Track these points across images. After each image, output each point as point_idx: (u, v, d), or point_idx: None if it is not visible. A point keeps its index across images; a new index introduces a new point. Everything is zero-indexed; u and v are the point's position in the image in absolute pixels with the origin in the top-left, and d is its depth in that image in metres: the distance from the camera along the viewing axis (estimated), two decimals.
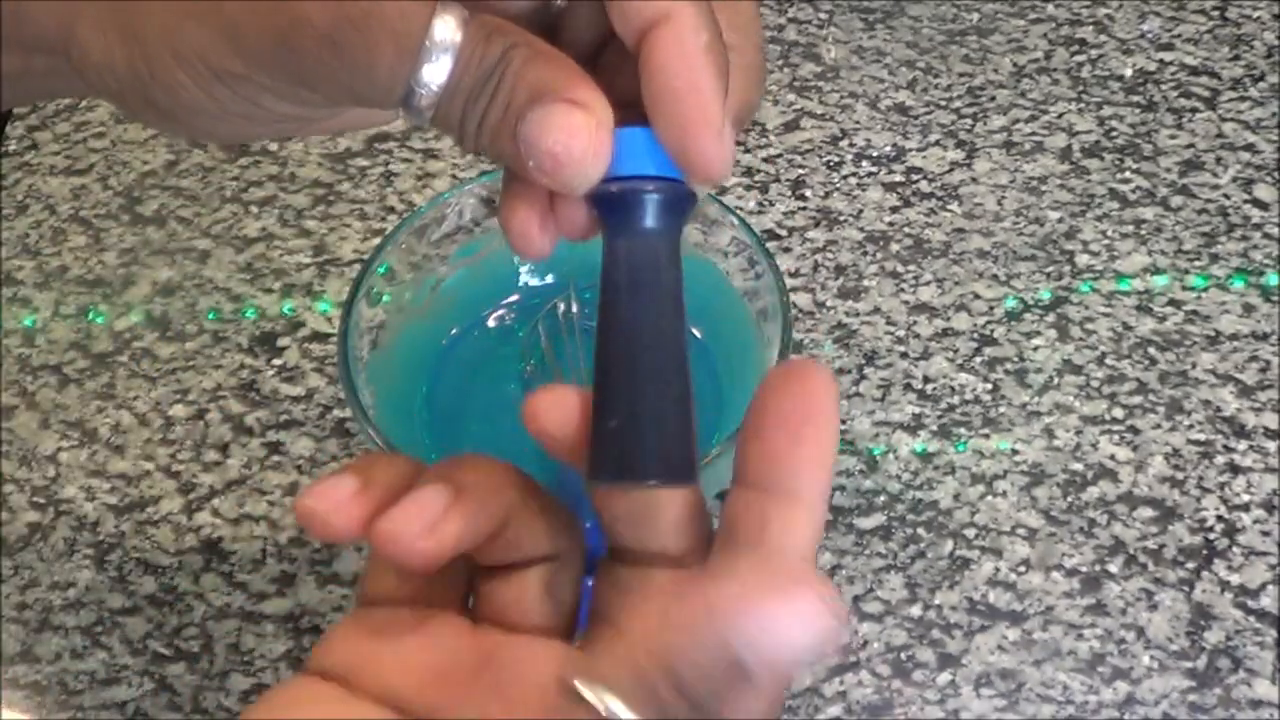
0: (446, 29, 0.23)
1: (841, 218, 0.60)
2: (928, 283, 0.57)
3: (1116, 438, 0.51)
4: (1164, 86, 0.66)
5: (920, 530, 0.49)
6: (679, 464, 0.25)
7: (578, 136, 0.23)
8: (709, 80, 0.23)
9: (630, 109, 0.24)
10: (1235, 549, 0.48)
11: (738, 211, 0.53)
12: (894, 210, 0.60)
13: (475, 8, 0.24)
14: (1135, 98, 0.66)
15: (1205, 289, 0.57)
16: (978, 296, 0.57)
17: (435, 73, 0.23)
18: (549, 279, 0.53)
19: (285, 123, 0.26)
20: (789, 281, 0.57)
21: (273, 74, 0.24)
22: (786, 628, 0.20)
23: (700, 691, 0.21)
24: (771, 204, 0.61)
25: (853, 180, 0.62)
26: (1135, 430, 0.52)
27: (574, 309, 0.51)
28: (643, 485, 0.25)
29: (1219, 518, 0.49)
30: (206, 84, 0.24)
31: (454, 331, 0.53)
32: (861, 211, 0.60)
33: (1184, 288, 0.57)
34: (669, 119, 0.23)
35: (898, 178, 0.62)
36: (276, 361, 0.55)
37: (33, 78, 0.27)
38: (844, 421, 0.52)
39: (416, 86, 0.23)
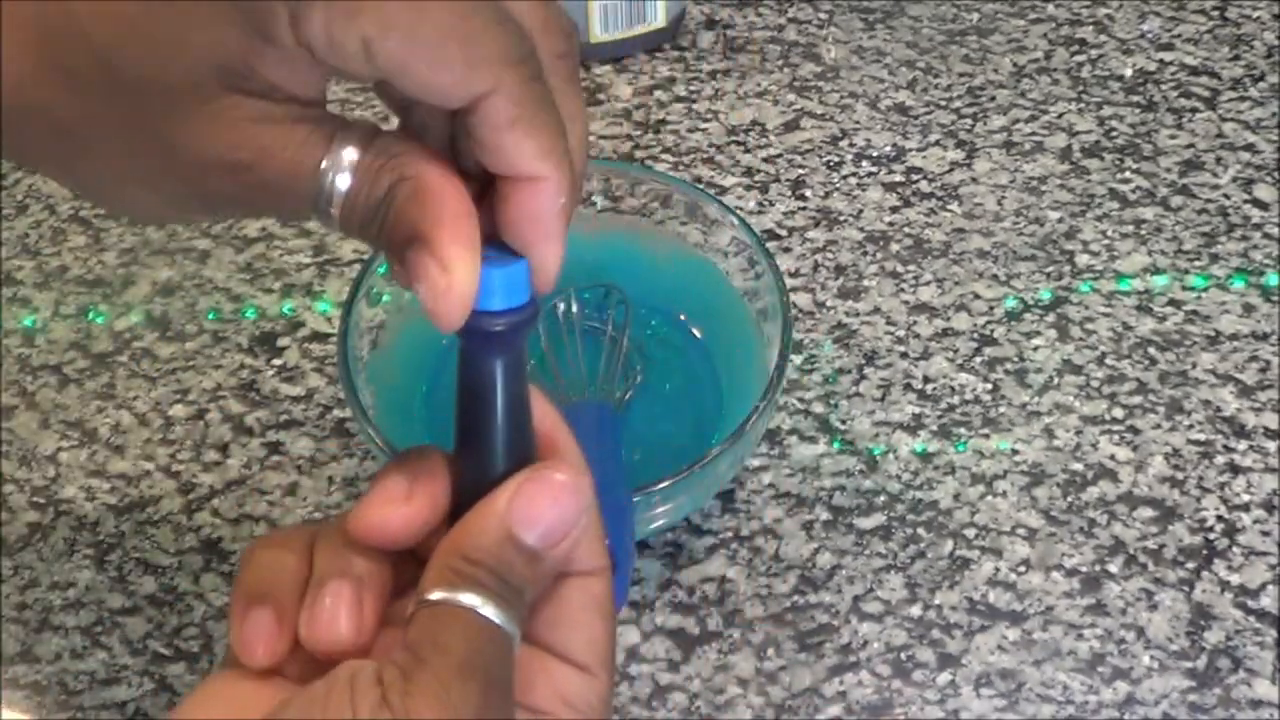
0: (343, 171, 0.26)
1: (841, 218, 0.60)
2: (928, 283, 0.57)
3: (1116, 438, 0.51)
4: (1164, 86, 0.66)
5: (920, 530, 0.49)
6: None
7: (440, 293, 0.26)
8: (559, 233, 0.28)
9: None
10: (1235, 549, 0.48)
11: (738, 211, 0.53)
12: (894, 210, 0.60)
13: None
14: (1135, 98, 0.66)
15: (1205, 289, 0.57)
16: (978, 296, 0.57)
17: (335, 201, 0.26)
18: None
19: (217, 221, 0.30)
20: (789, 281, 0.57)
21: (202, 214, 0.28)
22: (542, 502, 0.27)
23: (506, 571, 0.26)
24: (771, 204, 0.61)
25: (853, 180, 0.62)
26: (1135, 430, 0.52)
27: (574, 309, 0.51)
28: None
29: (1219, 518, 0.49)
30: (154, 213, 0.29)
31: None
32: (861, 211, 0.60)
33: (1184, 288, 0.57)
34: (526, 255, 0.28)
35: (898, 178, 0.62)
36: (276, 361, 0.55)
37: None
38: (844, 422, 0.52)
39: (319, 214, 0.27)
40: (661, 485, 0.41)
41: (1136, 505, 0.49)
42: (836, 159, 0.63)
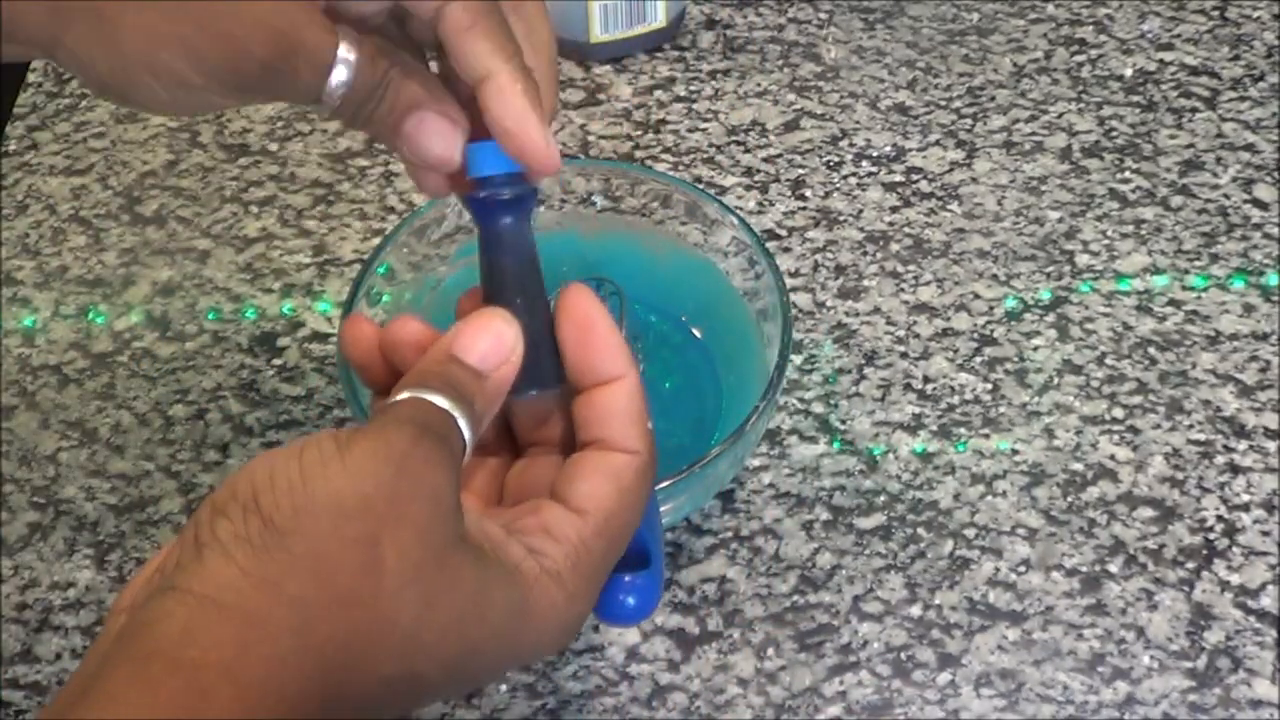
0: (347, 54, 0.31)
1: (841, 218, 0.60)
2: (928, 283, 0.57)
3: (1116, 438, 0.51)
4: (1164, 86, 0.66)
5: (920, 530, 0.49)
6: (561, 373, 0.34)
7: (444, 137, 0.33)
8: (530, 113, 0.32)
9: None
10: (1235, 549, 0.48)
11: (738, 211, 0.53)
12: (894, 210, 0.60)
13: (364, 36, 0.33)
14: (1135, 98, 0.66)
15: (1205, 289, 0.57)
16: (978, 296, 0.57)
17: (339, 84, 0.32)
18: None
19: (221, 107, 0.33)
20: (789, 281, 0.57)
21: (224, 87, 0.31)
22: (477, 332, 0.32)
23: (451, 377, 0.30)
24: (771, 204, 0.61)
25: (853, 180, 0.62)
26: (1135, 430, 0.52)
27: None
28: (547, 391, 0.34)
29: (1219, 518, 0.49)
30: (171, 90, 0.31)
31: None
32: (861, 211, 0.60)
33: (1184, 288, 0.57)
34: (509, 144, 0.33)
35: (898, 178, 0.62)
36: (276, 361, 0.55)
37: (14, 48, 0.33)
38: (844, 422, 0.52)
39: (325, 94, 0.32)
40: (662, 485, 0.41)
41: (1136, 505, 0.49)
42: (836, 159, 0.63)
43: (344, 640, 0.26)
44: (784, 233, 0.59)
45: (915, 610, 0.46)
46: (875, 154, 0.63)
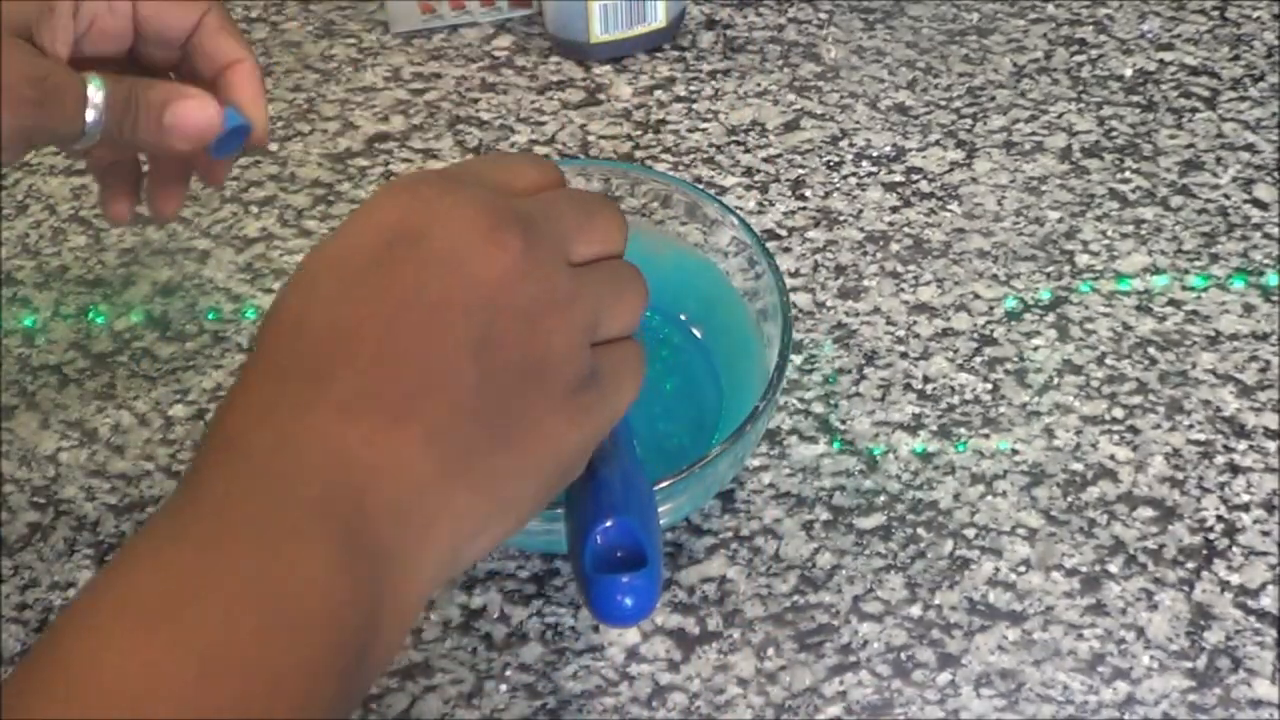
0: (96, 92, 0.39)
1: (841, 218, 0.60)
2: (928, 283, 0.57)
3: (1116, 438, 0.51)
4: (1164, 86, 0.66)
5: (920, 530, 0.49)
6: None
7: (197, 112, 0.40)
8: (263, 97, 0.43)
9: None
10: (1235, 549, 0.48)
11: (738, 211, 0.53)
12: (894, 210, 0.60)
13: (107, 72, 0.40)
14: (1135, 98, 0.66)
15: (1205, 289, 0.57)
16: (978, 296, 0.57)
17: (95, 113, 0.39)
18: None
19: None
20: (789, 281, 0.57)
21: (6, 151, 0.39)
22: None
23: None
24: (771, 204, 0.61)
25: (853, 180, 0.62)
26: (1135, 430, 0.52)
27: None
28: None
29: (1219, 518, 0.49)
30: None
31: None
32: (861, 211, 0.60)
33: (1184, 288, 0.57)
34: (252, 111, 0.43)
35: (898, 178, 0.62)
36: None
37: None
38: (844, 422, 0.52)
39: (87, 127, 0.39)
40: (662, 485, 0.41)
41: (1136, 505, 0.49)
42: (836, 159, 0.63)
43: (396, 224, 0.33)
44: (784, 233, 0.59)
45: (915, 610, 0.46)
46: (875, 154, 0.63)
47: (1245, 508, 0.49)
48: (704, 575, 0.47)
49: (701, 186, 0.61)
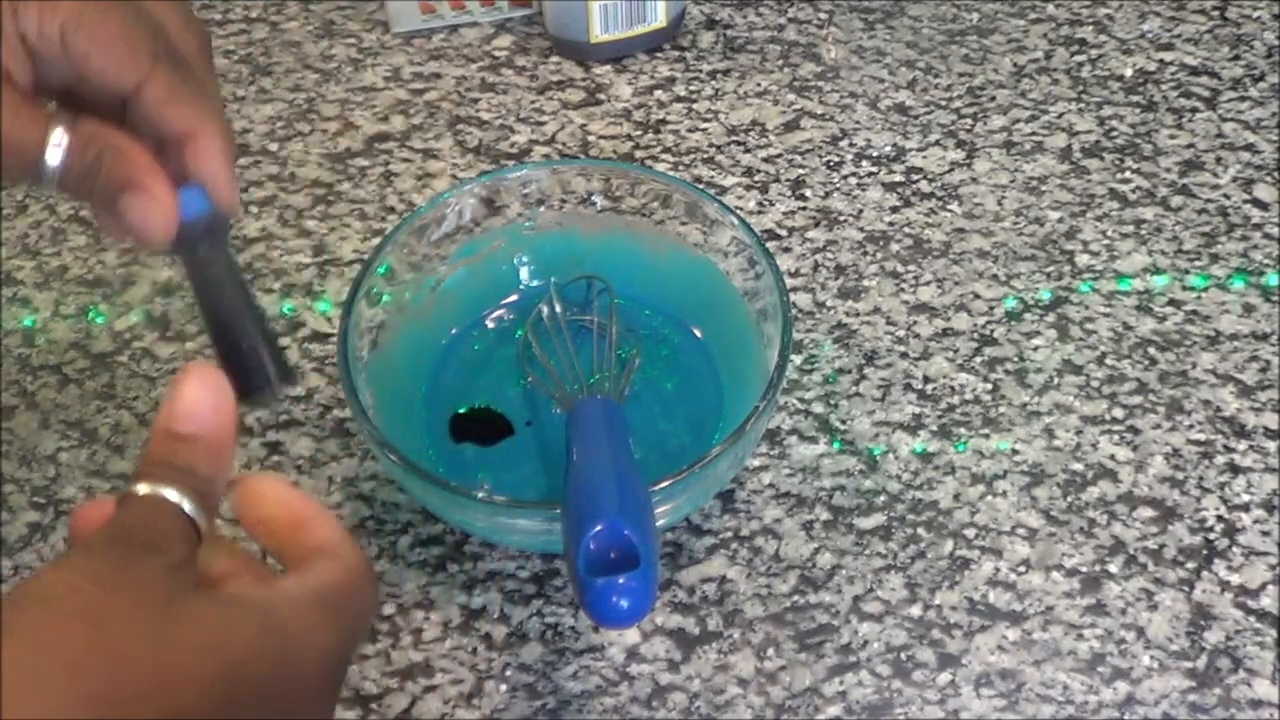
0: (59, 140, 0.35)
1: (841, 218, 0.60)
2: (928, 283, 0.57)
3: (1116, 438, 0.51)
4: (1164, 86, 0.66)
5: (920, 530, 0.49)
6: (285, 374, 0.39)
7: (152, 215, 0.36)
8: (226, 166, 0.37)
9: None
10: (1235, 549, 0.48)
11: (738, 211, 0.53)
12: (894, 210, 0.60)
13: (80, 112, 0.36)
14: (1135, 98, 0.66)
15: (1205, 289, 0.57)
16: (978, 296, 0.57)
17: (54, 166, 0.35)
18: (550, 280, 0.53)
19: None
20: (789, 281, 0.57)
21: None
22: (177, 400, 0.33)
23: (171, 457, 0.33)
24: (771, 204, 0.61)
25: (853, 180, 0.62)
26: (1135, 430, 0.52)
27: (556, 309, 0.51)
28: (266, 394, 0.38)
29: (1219, 518, 0.49)
30: None
31: (454, 331, 0.53)
32: (861, 211, 0.60)
33: (1184, 288, 0.57)
34: (213, 191, 0.37)
35: (898, 178, 0.62)
36: None
37: None
38: (844, 422, 0.52)
39: (43, 174, 0.35)
40: (662, 485, 0.41)
41: (1136, 505, 0.49)
42: (836, 159, 0.63)
43: (99, 688, 0.27)
44: (784, 233, 0.59)
45: (915, 610, 0.46)
46: (875, 154, 0.63)
47: (1245, 508, 0.49)
48: (704, 575, 0.47)
49: (701, 186, 0.61)
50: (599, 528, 0.35)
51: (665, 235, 0.52)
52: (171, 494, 0.32)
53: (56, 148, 0.35)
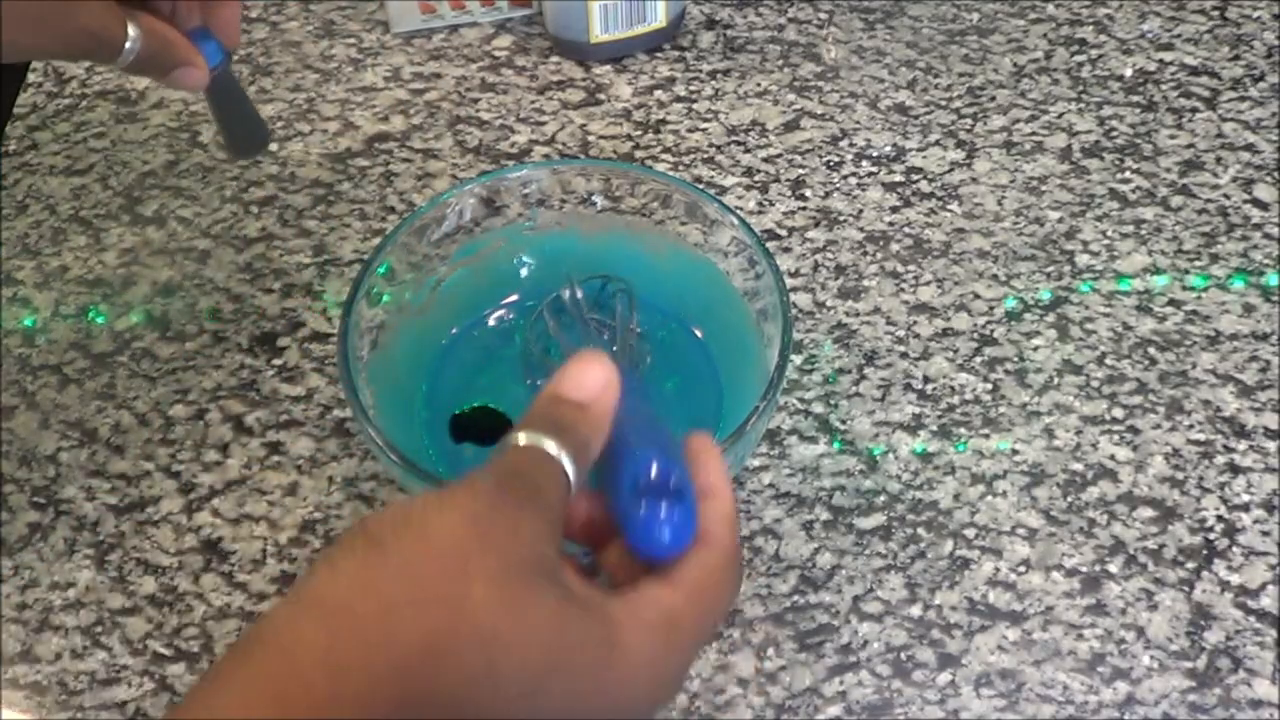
0: (134, 34, 0.45)
1: (841, 218, 0.60)
2: (928, 283, 0.57)
3: (1116, 438, 0.51)
4: (1164, 86, 0.66)
5: (920, 530, 0.49)
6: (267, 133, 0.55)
7: (195, 79, 0.48)
8: (238, 17, 0.50)
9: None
10: (1235, 549, 0.48)
11: (738, 211, 0.53)
12: (894, 210, 0.60)
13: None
14: (1135, 98, 0.66)
15: (1205, 289, 0.57)
16: (978, 296, 0.57)
17: (129, 53, 0.45)
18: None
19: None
20: (789, 281, 0.57)
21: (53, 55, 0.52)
22: (575, 372, 0.35)
23: (556, 414, 0.34)
24: (771, 204, 0.61)
25: (853, 180, 0.62)
26: (1135, 430, 0.52)
27: (578, 295, 0.51)
28: (261, 146, 0.56)
29: (1219, 518, 0.49)
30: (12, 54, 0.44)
31: (454, 331, 0.53)
32: (861, 211, 0.60)
33: (1184, 288, 0.57)
34: (228, 35, 0.50)
35: (898, 178, 0.62)
36: (276, 361, 0.55)
37: None
38: (844, 422, 0.52)
39: (120, 62, 0.46)
40: None
41: (1136, 505, 0.49)
42: (836, 159, 0.63)
43: (428, 634, 0.28)
44: (784, 233, 0.59)
45: (915, 610, 0.46)
46: (875, 154, 0.63)
47: (1245, 508, 0.49)
48: None
49: (701, 186, 0.61)
50: (653, 463, 0.36)
51: (665, 235, 0.52)
52: (551, 446, 0.32)
53: (134, 42, 0.45)
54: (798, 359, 0.54)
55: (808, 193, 0.61)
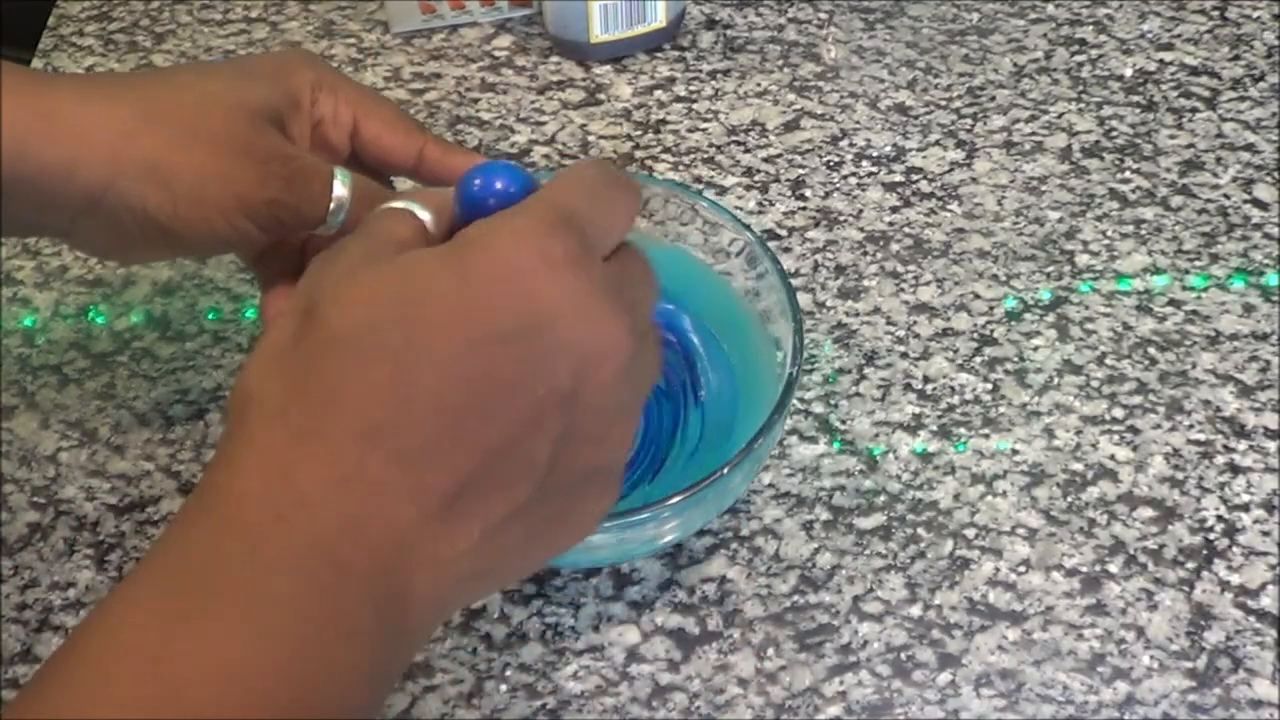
0: (342, 190, 0.42)
1: (841, 218, 0.60)
2: (928, 283, 0.57)
3: (1116, 438, 0.51)
4: (1164, 86, 0.66)
5: (920, 530, 0.49)
6: None
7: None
8: (462, 152, 0.47)
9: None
10: (1235, 549, 0.48)
11: (737, 212, 0.53)
12: (894, 210, 0.60)
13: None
14: (1135, 98, 0.66)
15: (1205, 289, 0.57)
16: (978, 296, 0.57)
17: (338, 207, 0.43)
18: None
19: (250, 244, 0.43)
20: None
21: (256, 214, 0.41)
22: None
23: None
24: (771, 204, 0.61)
25: (853, 180, 0.62)
26: (1135, 430, 0.52)
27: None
28: None
29: (1219, 518, 0.49)
30: (214, 222, 0.41)
31: None
32: (861, 211, 0.60)
33: (1184, 288, 0.57)
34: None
35: (898, 178, 0.62)
36: None
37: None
38: (844, 422, 0.52)
39: (329, 215, 0.42)
40: (673, 501, 0.41)
41: (1136, 505, 0.49)
42: (836, 159, 0.63)
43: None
44: (784, 233, 0.59)
45: (915, 610, 0.46)
46: (875, 154, 0.63)
47: (1245, 508, 0.49)
48: (704, 575, 0.47)
49: (701, 187, 0.61)
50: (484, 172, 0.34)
51: (665, 236, 0.52)
52: (404, 203, 0.33)
53: (341, 186, 0.42)
54: None
55: (808, 193, 0.61)
